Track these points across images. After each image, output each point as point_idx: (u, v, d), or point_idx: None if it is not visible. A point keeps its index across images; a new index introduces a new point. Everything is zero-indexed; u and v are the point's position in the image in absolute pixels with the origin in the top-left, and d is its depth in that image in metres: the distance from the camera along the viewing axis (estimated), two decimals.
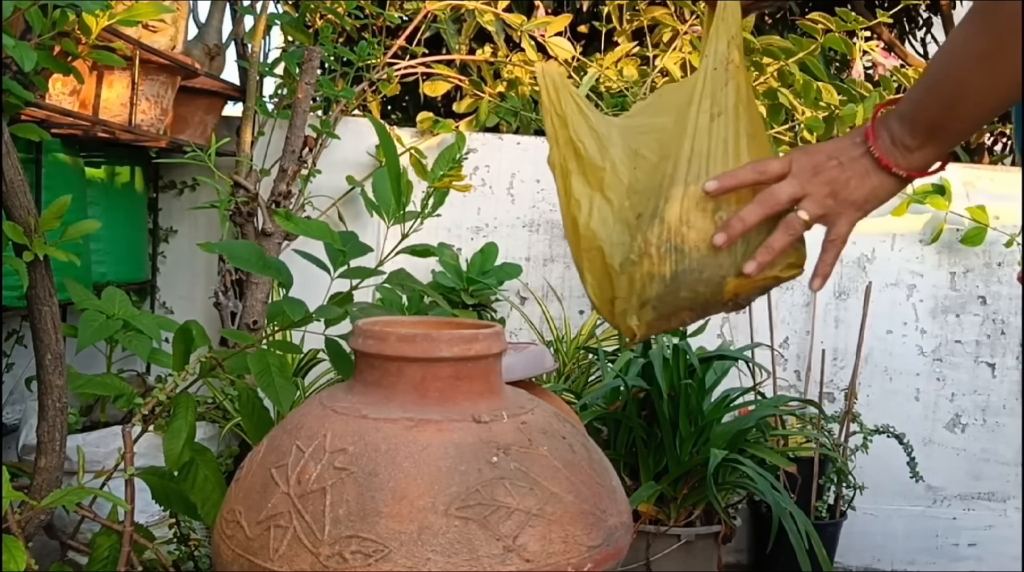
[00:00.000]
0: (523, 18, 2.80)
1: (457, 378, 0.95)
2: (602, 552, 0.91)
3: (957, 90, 0.79)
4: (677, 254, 0.87)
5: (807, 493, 2.50)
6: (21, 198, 1.23)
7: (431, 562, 0.83)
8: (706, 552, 2.15)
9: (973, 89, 0.78)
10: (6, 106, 1.26)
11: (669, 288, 0.88)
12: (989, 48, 0.75)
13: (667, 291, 0.88)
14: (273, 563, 0.86)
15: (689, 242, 0.87)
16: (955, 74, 0.78)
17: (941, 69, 0.80)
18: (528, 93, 2.94)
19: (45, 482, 1.29)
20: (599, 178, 0.92)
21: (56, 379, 1.29)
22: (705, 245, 0.87)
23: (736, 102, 0.90)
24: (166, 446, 1.27)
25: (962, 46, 0.78)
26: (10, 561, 1.03)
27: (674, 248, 0.87)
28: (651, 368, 2.12)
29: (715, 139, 0.89)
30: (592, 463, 0.99)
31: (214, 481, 1.32)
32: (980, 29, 0.76)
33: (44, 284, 1.27)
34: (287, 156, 2.29)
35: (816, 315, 2.76)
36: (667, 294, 0.89)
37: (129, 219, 2.36)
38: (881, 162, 0.84)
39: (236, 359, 1.34)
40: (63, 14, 1.32)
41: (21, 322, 2.17)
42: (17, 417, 2.06)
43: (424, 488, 0.86)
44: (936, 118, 0.82)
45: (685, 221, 0.87)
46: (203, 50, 2.39)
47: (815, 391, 2.69)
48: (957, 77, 0.78)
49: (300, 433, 0.95)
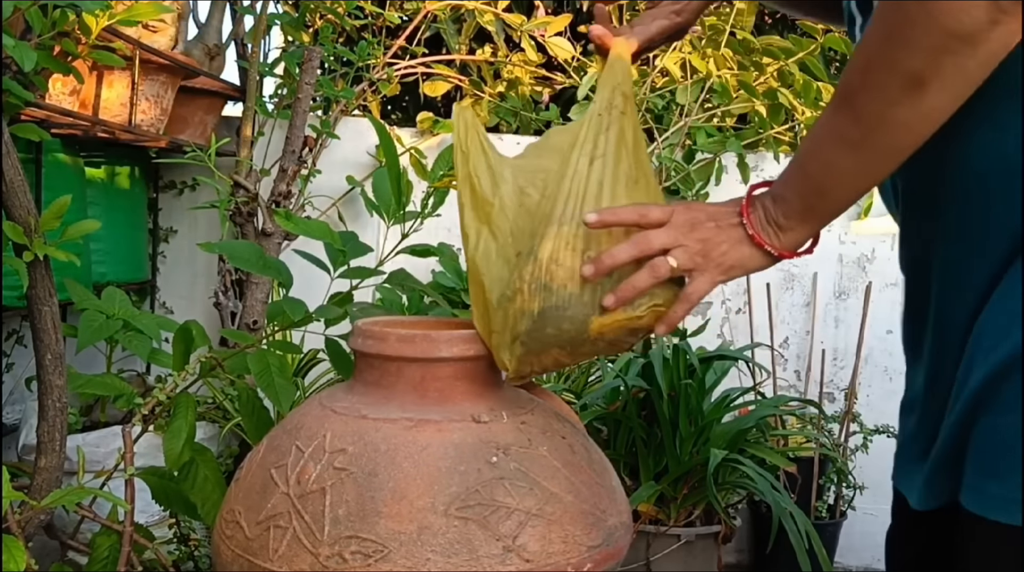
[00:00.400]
0: (523, 18, 2.80)
1: (457, 378, 0.95)
2: (602, 552, 0.91)
3: (827, 176, 0.80)
4: (545, 291, 0.90)
5: (807, 493, 2.50)
6: (21, 198, 1.23)
7: (431, 562, 0.83)
8: (706, 552, 2.15)
9: (843, 174, 0.79)
10: (6, 106, 1.26)
11: (536, 324, 0.91)
12: (857, 136, 0.76)
13: (535, 327, 0.91)
14: (273, 563, 0.86)
15: (557, 280, 0.89)
16: (824, 159, 0.79)
17: (810, 154, 0.81)
18: (528, 93, 2.94)
19: (45, 482, 1.29)
20: (487, 213, 0.96)
21: (56, 379, 1.29)
22: (572, 283, 0.89)
23: (618, 146, 0.93)
24: (166, 446, 1.27)
25: (830, 134, 0.78)
26: (10, 561, 1.04)
27: (543, 286, 0.90)
28: (651, 368, 2.12)
29: (592, 181, 0.91)
30: (592, 463, 0.99)
31: (214, 481, 1.32)
32: (847, 118, 0.76)
33: (44, 284, 1.27)
34: (287, 156, 2.29)
35: (816, 315, 2.76)
36: (535, 330, 0.91)
37: (129, 219, 2.36)
38: (754, 239, 0.86)
39: (236, 359, 1.34)
40: (63, 14, 1.32)
41: (21, 322, 2.17)
42: (17, 417, 2.06)
43: (424, 488, 0.86)
44: (809, 202, 0.83)
45: (555, 259, 0.90)
46: (203, 50, 2.39)
47: (815, 391, 2.69)
48: (826, 162, 0.79)
49: (300, 433, 0.94)
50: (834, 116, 0.77)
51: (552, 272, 0.89)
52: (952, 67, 0.68)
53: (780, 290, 2.84)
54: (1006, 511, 0.71)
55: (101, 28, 1.39)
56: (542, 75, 2.95)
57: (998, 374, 0.73)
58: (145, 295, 2.59)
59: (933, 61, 0.68)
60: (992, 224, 0.76)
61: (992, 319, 0.75)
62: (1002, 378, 0.72)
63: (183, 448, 1.26)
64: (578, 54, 2.87)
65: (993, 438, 0.73)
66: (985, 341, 0.75)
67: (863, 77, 0.73)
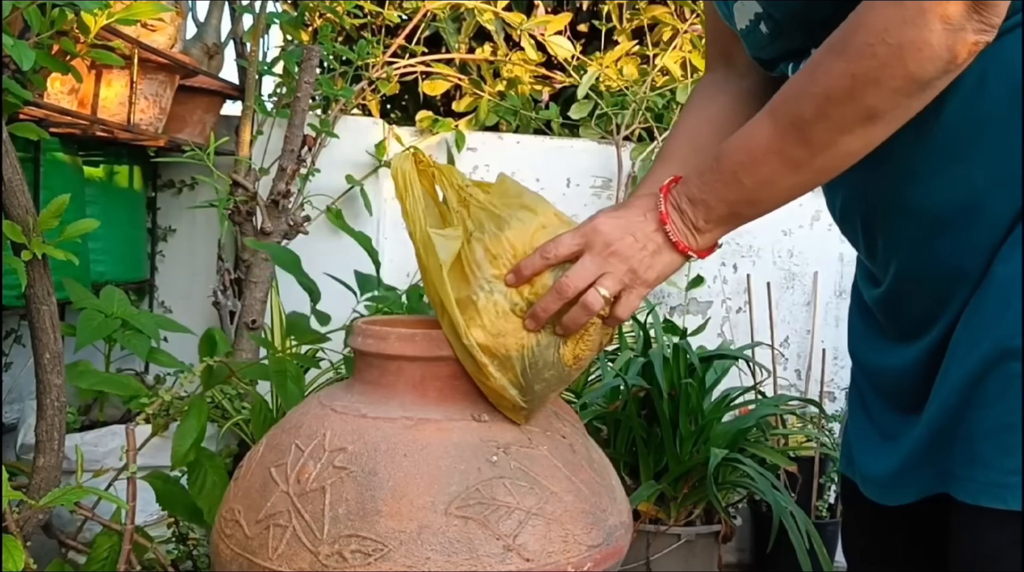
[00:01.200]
0: (523, 17, 2.80)
1: (457, 377, 0.95)
2: (602, 551, 0.91)
3: (763, 189, 0.82)
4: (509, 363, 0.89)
5: (807, 492, 2.50)
6: (20, 197, 1.23)
7: (431, 561, 0.82)
8: (706, 551, 2.14)
9: (780, 189, 0.82)
10: (5, 105, 1.26)
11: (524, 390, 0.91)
12: (802, 158, 0.79)
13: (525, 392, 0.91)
14: (272, 562, 0.85)
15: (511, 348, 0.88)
16: (763, 175, 0.82)
17: (746, 167, 0.82)
18: (528, 92, 2.94)
19: (43, 481, 1.29)
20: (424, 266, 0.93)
21: (54, 378, 1.29)
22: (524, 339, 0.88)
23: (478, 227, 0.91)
24: (174, 444, 1.27)
25: (774, 153, 0.80)
26: (8, 560, 1.03)
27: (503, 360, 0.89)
28: (651, 367, 2.12)
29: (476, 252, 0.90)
30: (592, 462, 0.99)
31: (222, 487, 1.31)
32: (795, 141, 0.79)
33: (42, 283, 1.27)
34: (286, 155, 2.28)
35: (817, 314, 2.76)
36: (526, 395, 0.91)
37: (128, 218, 2.36)
38: (677, 246, 0.87)
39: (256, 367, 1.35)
40: (62, 13, 1.31)
41: (20, 321, 2.17)
42: (16, 416, 2.05)
43: (424, 487, 0.86)
44: (736, 210, 0.85)
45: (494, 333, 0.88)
46: (202, 49, 2.39)
47: (816, 390, 2.69)
48: (765, 177, 0.82)
49: (299, 432, 0.94)
50: (780, 137, 0.80)
51: (502, 344, 0.88)
52: (905, 107, 0.75)
53: (781, 289, 2.84)
54: (996, 496, 0.75)
55: (100, 27, 1.39)
56: (542, 74, 2.95)
57: (978, 373, 0.77)
58: (144, 294, 2.59)
59: (893, 101, 0.75)
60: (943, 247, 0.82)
61: (968, 324, 0.80)
62: (983, 376, 0.77)
63: (190, 449, 1.26)
64: (578, 53, 2.87)
65: (978, 428, 0.77)
66: (962, 345, 0.80)
67: (821, 108, 0.77)
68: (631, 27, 3.03)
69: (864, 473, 0.95)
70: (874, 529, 0.99)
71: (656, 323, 2.33)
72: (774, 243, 2.84)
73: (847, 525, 1.06)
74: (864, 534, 1.01)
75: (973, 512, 0.77)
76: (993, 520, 0.75)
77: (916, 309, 0.88)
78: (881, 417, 0.94)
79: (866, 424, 0.96)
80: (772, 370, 2.65)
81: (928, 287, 0.85)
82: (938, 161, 0.81)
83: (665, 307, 2.84)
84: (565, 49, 2.80)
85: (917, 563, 0.96)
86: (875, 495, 0.92)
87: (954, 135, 0.80)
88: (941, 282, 0.83)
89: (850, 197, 0.91)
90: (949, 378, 0.80)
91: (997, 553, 0.76)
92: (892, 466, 0.88)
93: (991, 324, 0.77)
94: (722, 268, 2.84)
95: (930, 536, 0.91)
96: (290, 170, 2.28)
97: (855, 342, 1.02)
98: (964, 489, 0.77)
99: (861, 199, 0.89)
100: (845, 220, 0.95)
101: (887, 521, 0.96)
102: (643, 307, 2.55)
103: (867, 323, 0.99)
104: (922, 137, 0.81)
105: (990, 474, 0.75)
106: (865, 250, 0.95)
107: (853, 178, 0.86)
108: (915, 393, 0.87)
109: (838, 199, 0.94)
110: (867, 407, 0.97)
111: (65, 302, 1.61)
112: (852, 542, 1.05)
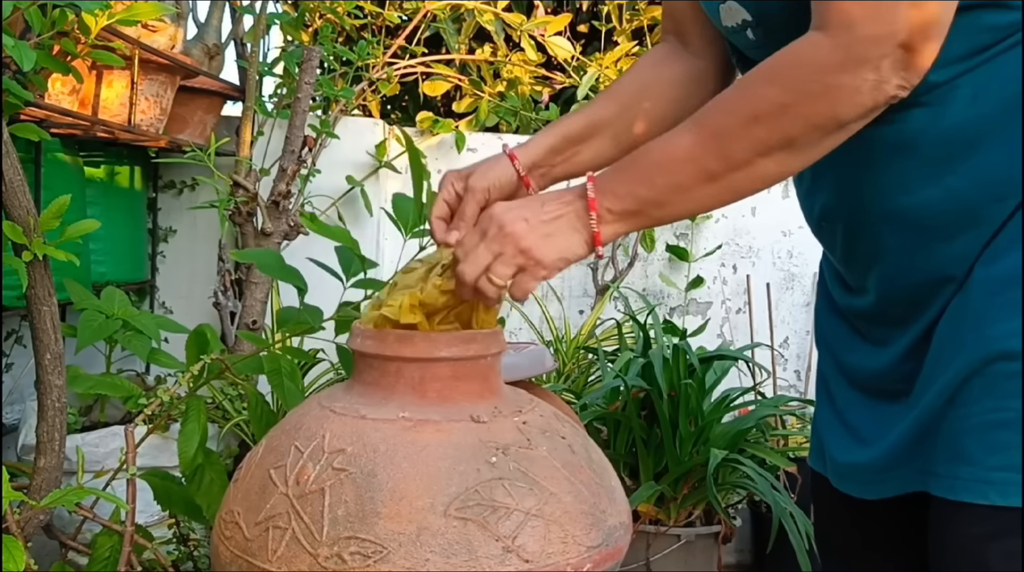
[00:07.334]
0: (523, 17, 2.80)
1: (456, 378, 0.95)
2: (601, 552, 0.91)
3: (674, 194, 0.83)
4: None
5: (807, 493, 2.50)
6: (20, 198, 1.23)
7: (430, 563, 0.82)
8: (706, 552, 2.15)
9: (690, 198, 0.83)
10: (5, 106, 1.26)
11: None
12: (718, 171, 0.80)
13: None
14: (271, 564, 0.85)
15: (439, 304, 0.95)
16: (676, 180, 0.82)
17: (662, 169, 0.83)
18: (528, 93, 2.94)
19: (44, 482, 1.29)
20: None
21: (55, 379, 1.29)
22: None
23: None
24: (180, 449, 1.27)
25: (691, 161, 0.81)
26: (9, 561, 1.03)
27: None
28: (651, 368, 2.12)
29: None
30: (592, 463, 0.99)
31: (220, 484, 1.31)
32: (714, 154, 0.80)
33: (43, 284, 1.27)
34: (286, 156, 2.29)
35: None
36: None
37: (128, 219, 2.36)
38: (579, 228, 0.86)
39: (250, 361, 1.34)
40: (62, 14, 1.31)
41: (20, 322, 2.17)
42: (16, 417, 2.06)
43: (423, 488, 0.86)
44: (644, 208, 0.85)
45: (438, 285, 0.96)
46: (202, 49, 2.39)
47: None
48: (677, 183, 0.82)
49: (298, 433, 0.94)
50: (701, 146, 0.81)
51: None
52: (819, 143, 0.78)
53: (780, 290, 2.84)
54: (978, 492, 0.76)
55: (100, 28, 1.39)
56: (542, 75, 2.95)
57: (964, 375, 0.79)
58: (144, 295, 2.59)
59: (813, 137, 0.77)
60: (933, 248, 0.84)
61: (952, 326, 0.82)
62: (969, 377, 0.78)
63: (196, 452, 1.26)
64: (577, 54, 2.87)
65: (961, 425, 0.78)
66: (948, 348, 0.82)
67: (746, 127, 0.79)
68: (631, 28, 3.03)
69: (837, 466, 0.96)
70: (837, 520, 1.01)
71: (656, 324, 2.33)
72: (774, 244, 2.84)
73: (818, 519, 1.07)
74: (836, 527, 1.03)
75: (954, 508, 0.78)
76: (974, 516, 0.77)
77: (896, 313, 0.89)
78: (850, 410, 0.96)
79: (832, 417, 0.98)
80: (772, 371, 2.65)
81: (910, 293, 0.87)
82: (931, 172, 0.83)
83: (665, 308, 2.84)
84: (565, 50, 2.80)
85: (884, 553, 0.98)
86: (851, 489, 0.93)
87: (948, 148, 0.82)
88: (925, 288, 0.85)
89: (832, 203, 0.92)
90: (935, 381, 0.82)
91: (977, 549, 0.77)
92: (869, 460, 0.90)
93: (977, 326, 0.79)
94: (722, 269, 2.85)
95: (901, 529, 0.93)
96: (290, 171, 2.28)
97: (827, 339, 1.03)
98: (945, 486, 0.79)
99: (846, 205, 0.90)
100: (823, 225, 0.96)
101: (860, 513, 0.97)
102: (643, 308, 2.56)
103: (840, 323, 1.01)
104: (915, 148, 0.82)
105: (974, 471, 0.77)
106: (842, 256, 0.96)
107: (837, 184, 0.88)
108: (893, 389, 0.89)
109: (816, 204, 0.95)
110: (833, 400, 0.99)
111: (66, 303, 1.61)
112: (823, 535, 1.06)
